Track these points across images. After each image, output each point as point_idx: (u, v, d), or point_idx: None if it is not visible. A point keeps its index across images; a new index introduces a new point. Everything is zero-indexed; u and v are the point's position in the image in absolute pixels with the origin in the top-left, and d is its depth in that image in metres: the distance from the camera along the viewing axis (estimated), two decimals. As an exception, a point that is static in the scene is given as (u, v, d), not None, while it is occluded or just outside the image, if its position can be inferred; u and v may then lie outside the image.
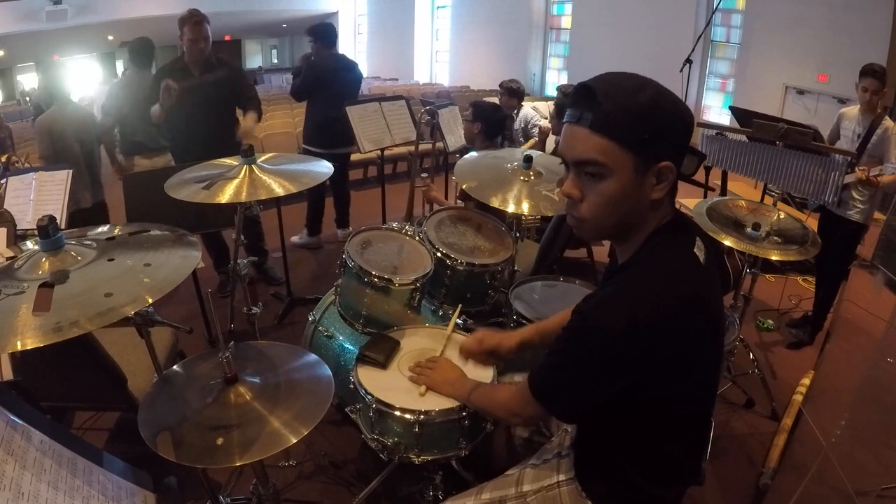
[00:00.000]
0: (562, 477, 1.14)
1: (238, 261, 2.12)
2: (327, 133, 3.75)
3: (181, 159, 3.01)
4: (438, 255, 1.95)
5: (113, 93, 3.55)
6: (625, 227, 0.95)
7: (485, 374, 1.51)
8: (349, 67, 3.83)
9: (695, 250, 0.95)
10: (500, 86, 4.40)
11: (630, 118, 0.85)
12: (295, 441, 1.10)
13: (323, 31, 3.73)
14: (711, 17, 7.10)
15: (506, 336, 1.45)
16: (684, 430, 1.00)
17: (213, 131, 3.01)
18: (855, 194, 2.69)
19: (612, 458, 1.04)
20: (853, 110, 2.80)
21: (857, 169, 2.59)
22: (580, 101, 0.89)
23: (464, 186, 2.02)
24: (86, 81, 14.66)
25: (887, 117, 2.68)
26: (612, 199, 0.90)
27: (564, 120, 0.94)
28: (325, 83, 3.68)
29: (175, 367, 1.34)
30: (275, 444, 1.10)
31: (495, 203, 1.93)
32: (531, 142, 4.20)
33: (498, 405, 1.19)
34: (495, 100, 4.00)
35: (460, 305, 1.86)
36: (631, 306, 0.88)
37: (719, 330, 1.00)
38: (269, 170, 1.84)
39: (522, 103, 4.42)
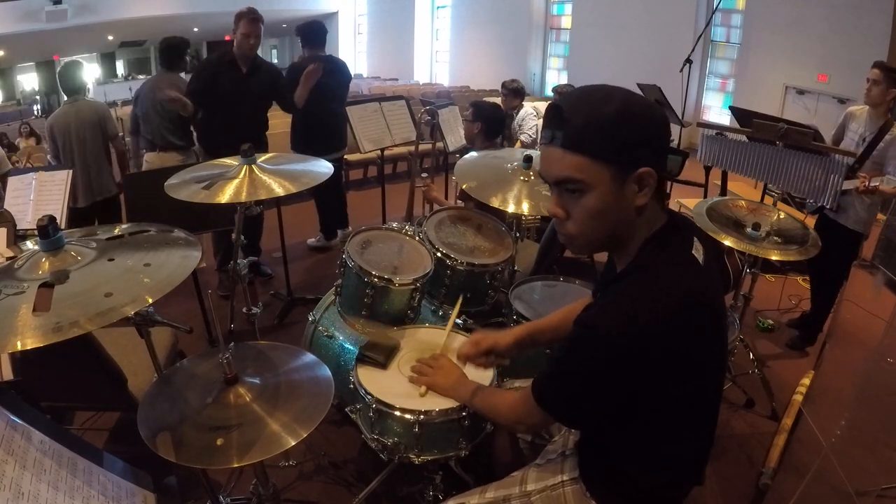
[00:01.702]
0: (566, 477, 1.14)
1: (238, 261, 2.12)
2: (312, 139, 3.63)
3: (214, 153, 2.96)
4: (438, 255, 1.95)
5: (140, 91, 3.56)
6: (615, 237, 0.96)
7: (485, 375, 1.51)
8: (333, 70, 3.62)
9: (693, 252, 0.95)
10: (503, 87, 4.41)
11: (598, 131, 0.86)
12: (294, 443, 1.10)
13: (307, 31, 3.61)
14: (711, 17, 7.10)
15: (501, 335, 1.44)
16: (689, 431, 1.00)
17: (249, 128, 3.09)
18: (856, 203, 2.65)
19: (616, 459, 1.04)
20: (862, 111, 2.73)
21: (858, 175, 2.55)
22: (550, 121, 0.91)
23: (464, 186, 2.02)
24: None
25: None
26: (595, 212, 0.91)
27: (540, 141, 0.95)
28: None
29: (175, 367, 1.34)
30: (274, 445, 1.09)
31: (495, 203, 1.93)
32: (517, 144, 4.22)
33: (501, 411, 1.19)
34: (495, 100, 4.01)
35: (461, 297, 1.84)
36: (632, 312, 0.88)
37: (722, 331, 1.00)
38: (269, 170, 1.84)
39: (524, 102, 4.43)
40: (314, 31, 3.61)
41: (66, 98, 3.25)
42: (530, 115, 4.34)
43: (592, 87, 0.91)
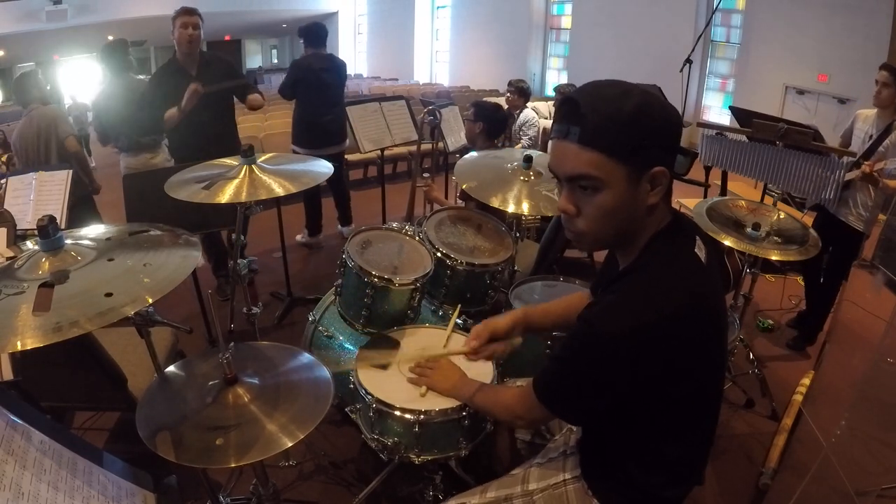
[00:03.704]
0: (568, 475, 1.14)
1: (238, 260, 2.12)
2: (310, 134, 3.75)
3: (183, 159, 2.96)
4: (438, 255, 1.95)
5: (96, 101, 3.51)
6: (623, 235, 0.95)
7: (485, 374, 1.51)
8: (331, 68, 3.77)
9: (695, 250, 0.95)
10: (510, 84, 4.41)
11: (617, 128, 0.85)
12: (291, 445, 1.10)
13: (307, 31, 3.74)
14: (711, 17, 7.10)
15: (495, 319, 1.38)
16: (690, 431, 1.00)
17: (214, 130, 3.04)
18: (858, 197, 2.64)
19: (617, 458, 1.04)
20: (870, 112, 2.74)
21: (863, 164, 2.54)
22: (566, 115, 0.88)
23: (464, 186, 2.02)
24: (85, 82, 14.64)
25: None
26: (608, 210, 0.90)
27: (551, 136, 0.93)
28: (305, 83, 3.67)
29: (174, 366, 1.34)
30: (272, 446, 1.09)
31: (495, 203, 1.93)
32: (518, 146, 4.22)
33: (502, 407, 1.19)
34: (495, 100, 4.01)
35: (459, 305, 1.86)
36: (635, 311, 0.88)
37: (723, 331, 1.00)
38: (269, 170, 1.84)
39: (527, 104, 4.44)
40: (310, 32, 3.73)
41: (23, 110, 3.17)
42: (533, 119, 4.34)
43: (608, 82, 0.90)
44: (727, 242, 2.13)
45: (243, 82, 3.25)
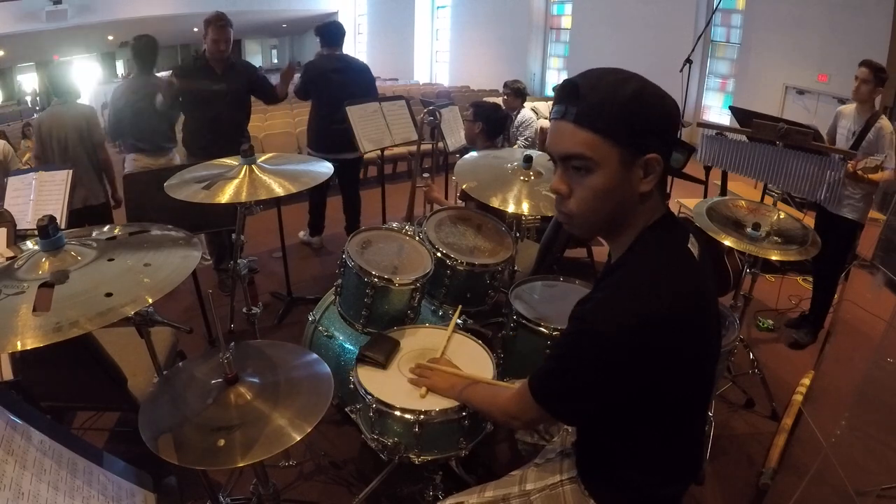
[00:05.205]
0: (565, 476, 1.14)
1: (238, 260, 2.12)
2: (325, 138, 3.71)
3: (200, 155, 2.96)
4: (438, 255, 1.95)
5: (116, 96, 3.50)
6: (614, 221, 0.95)
7: (485, 371, 1.51)
8: (344, 69, 3.69)
9: (688, 246, 0.95)
10: (505, 85, 4.41)
11: (614, 110, 0.86)
12: (297, 439, 1.10)
13: (322, 31, 3.73)
14: (711, 17, 7.10)
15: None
16: (682, 425, 1.00)
17: (233, 129, 3.19)
18: (850, 190, 2.67)
19: (612, 457, 1.04)
20: (850, 108, 2.80)
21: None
22: (565, 96, 0.90)
23: (464, 186, 2.02)
24: (85, 82, 14.65)
25: (883, 116, 2.66)
26: (599, 192, 0.90)
27: (551, 117, 0.94)
28: (318, 85, 3.64)
29: (175, 367, 1.34)
30: (276, 443, 1.10)
31: (495, 203, 1.93)
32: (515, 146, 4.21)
33: (497, 408, 1.19)
34: (495, 100, 4.00)
35: (460, 306, 1.86)
36: (627, 307, 0.87)
37: (715, 325, 1.00)
38: (269, 170, 1.84)
39: (524, 104, 4.43)
40: (324, 31, 3.73)
41: (55, 99, 3.19)
42: (530, 120, 4.33)
43: (607, 68, 0.91)
44: (727, 242, 2.13)
45: (266, 85, 3.46)
